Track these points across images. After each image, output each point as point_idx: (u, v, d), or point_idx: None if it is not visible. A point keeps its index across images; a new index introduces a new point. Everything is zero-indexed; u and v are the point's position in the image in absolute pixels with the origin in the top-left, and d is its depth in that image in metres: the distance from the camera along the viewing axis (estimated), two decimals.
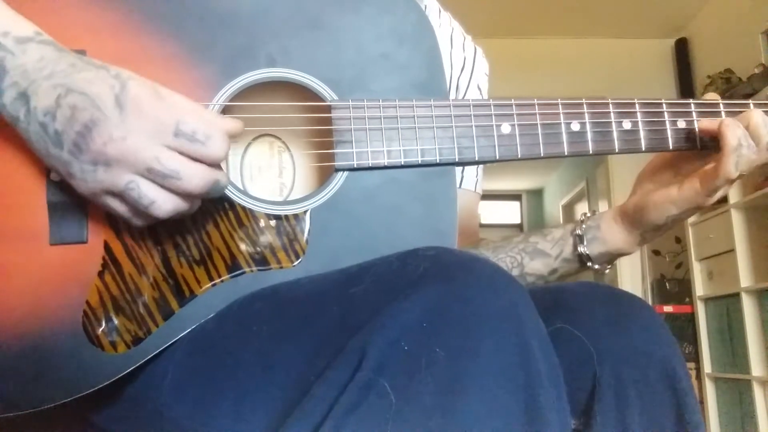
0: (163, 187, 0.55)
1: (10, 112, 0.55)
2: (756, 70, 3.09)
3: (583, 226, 0.84)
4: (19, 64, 0.55)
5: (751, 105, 0.78)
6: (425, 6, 0.93)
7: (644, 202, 0.79)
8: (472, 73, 1.00)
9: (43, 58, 0.55)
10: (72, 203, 0.61)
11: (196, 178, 0.55)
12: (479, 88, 1.01)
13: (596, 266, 0.84)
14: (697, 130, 0.75)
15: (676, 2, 3.80)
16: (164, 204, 0.55)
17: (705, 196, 0.74)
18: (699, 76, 3.87)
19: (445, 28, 0.99)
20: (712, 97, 0.78)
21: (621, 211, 0.83)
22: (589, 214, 0.86)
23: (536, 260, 0.87)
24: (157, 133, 0.54)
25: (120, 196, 0.55)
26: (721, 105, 0.77)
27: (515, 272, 0.87)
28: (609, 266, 0.86)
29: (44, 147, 0.55)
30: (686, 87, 3.95)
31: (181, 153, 0.55)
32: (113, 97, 0.54)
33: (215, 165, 0.57)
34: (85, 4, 0.64)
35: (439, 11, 1.00)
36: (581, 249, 0.83)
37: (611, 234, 0.83)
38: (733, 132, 0.70)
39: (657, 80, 4.08)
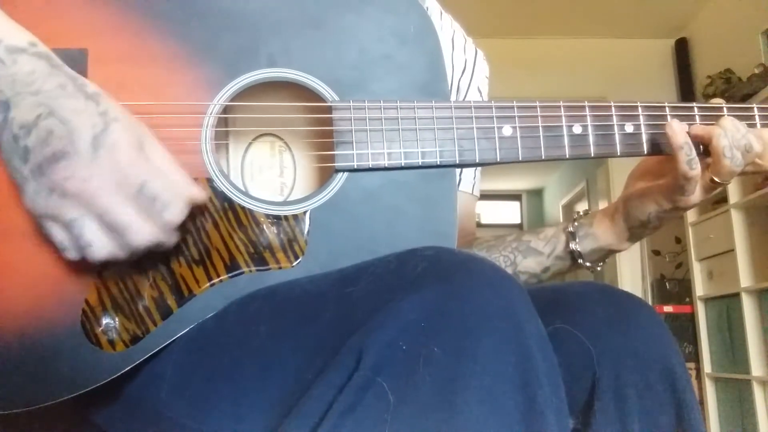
0: (107, 233, 0.54)
1: None
2: (756, 70, 3.09)
3: (576, 223, 0.85)
4: (8, 74, 0.54)
5: (755, 109, 0.78)
6: (426, 8, 0.93)
7: (630, 195, 0.81)
8: (472, 76, 1.00)
9: (33, 72, 0.54)
10: None
11: (141, 236, 0.55)
12: (479, 91, 1.01)
13: (587, 263, 0.85)
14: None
15: (676, 2, 3.80)
16: (100, 249, 0.55)
17: (677, 195, 0.76)
18: (699, 76, 3.87)
19: (447, 30, 0.99)
20: (717, 102, 0.79)
21: (612, 208, 0.85)
22: (582, 213, 0.87)
23: (529, 258, 0.88)
24: (121, 184, 0.53)
25: (63, 227, 0.55)
26: (724, 109, 0.77)
27: (508, 271, 0.88)
28: (600, 264, 0.87)
29: (9, 156, 0.54)
30: (686, 87, 3.95)
31: (138, 208, 0.54)
32: (92, 135, 0.53)
33: (168, 229, 0.57)
34: (87, 4, 0.64)
35: (441, 13, 1.00)
36: (573, 245, 0.84)
37: (602, 230, 0.84)
38: (677, 133, 0.72)
39: (657, 80, 4.08)
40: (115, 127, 0.54)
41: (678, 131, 0.72)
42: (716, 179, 0.74)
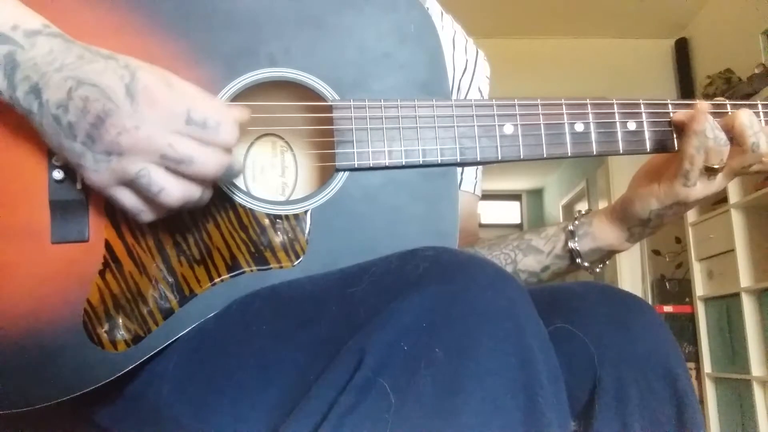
0: (176, 173, 0.56)
1: (23, 106, 0.56)
2: (756, 70, 3.09)
3: (576, 222, 0.85)
4: (29, 57, 0.55)
5: (759, 106, 0.78)
6: (427, 8, 0.93)
7: (630, 196, 0.81)
8: (473, 76, 1.00)
9: (52, 51, 0.56)
10: (73, 202, 0.61)
11: (209, 162, 0.56)
12: (480, 91, 1.01)
13: (586, 263, 0.85)
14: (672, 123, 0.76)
15: (676, 2, 3.80)
16: (174, 191, 0.56)
17: (681, 186, 0.75)
18: (699, 76, 3.87)
19: (448, 30, 0.99)
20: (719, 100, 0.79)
21: (612, 208, 0.85)
22: (583, 212, 0.87)
23: (529, 257, 0.88)
24: (169, 121, 0.54)
25: (131, 186, 0.56)
26: (728, 105, 0.76)
27: (509, 269, 0.88)
28: (600, 265, 0.87)
29: (57, 139, 0.55)
30: (686, 87, 3.95)
31: (194, 139, 0.56)
32: (124, 87, 0.54)
33: (228, 151, 0.58)
34: (87, 4, 0.64)
35: (441, 14, 1.00)
36: (571, 244, 0.84)
37: (601, 229, 0.84)
38: (697, 120, 0.72)
39: (657, 80, 4.08)
40: (141, 73, 0.55)
41: (700, 118, 0.72)
42: (715, 166, 0.74)
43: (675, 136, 0.76)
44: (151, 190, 0.55)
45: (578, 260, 0.85)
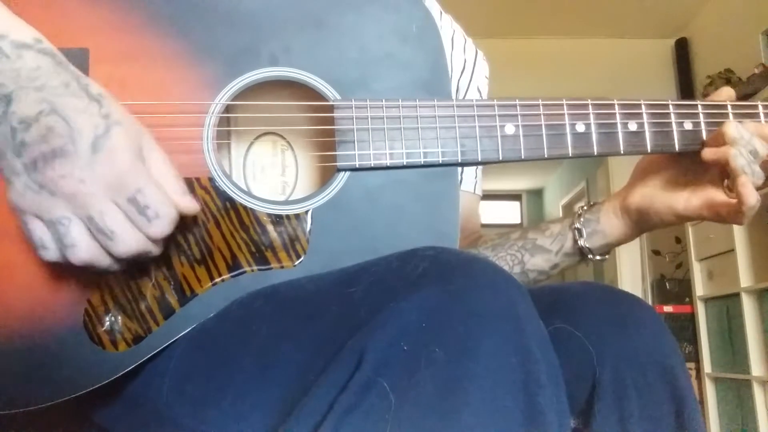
0: (91, 237, 0.54)
1: None
2: (756, 70, 3.09)
3: (581, 219, 0.85)
4: (13, 68, 0.53)
5: (759, 106, 0.77)
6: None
7: (647, 206, 0.80)
8: (472, 76, 1.00)
9: (39, 68, 0.54)
10: None
11: (126, 244, 0.54)
12: (479, 91, 1.01)
13: (597, 257, 0.86)
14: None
15: (676, 2, 3.79)
16: (83, 252, 0.54)
17: (713, 220, 0.75)
18: (699, 76, 3.87)
19: (447, 30, 0.99)
20: (725, 91, 0.78)
21: (621, 207, 0.84)
22: (585, 207, 0.87)
23: (537, 256, 0.88)
24: (114, 190, 0.53)
25: (46, 225, 0.54)
26: (729, 106, 0.76)
27: (516, 269, 0.88)
28: (607, 255, 0.87)
29: (2, 148, 0.53)
30: (686, 87, 3.95)
31: (126, 218, 0.54)
32: (92, 137, 0.52)
33: (152, 242, 0.56)
34: (88, 3, 0.64)
35: (441, 13, 1.00)
36: (581, 243, 0.84)
37: (611, 227, 0.84)
38: (737, 155, 0.70)
39: (657, 80, 4.08)
40: (116, 131, 0.53)
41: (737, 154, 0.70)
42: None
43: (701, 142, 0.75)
44: (63, 240, 0.53)
45: (590, 256, 0.85)
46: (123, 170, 0.53)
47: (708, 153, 0.74)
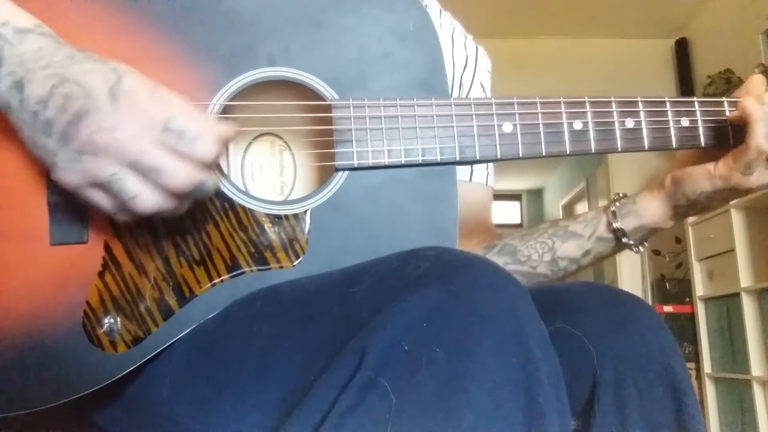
0: (147, 182, 0.54)
1: (4, 99, 0.55)
2: (756, 70, 3.08)
3: (617, 203, 0.84)
4: (16, 53, 0.55)
5: None
6: (425, 6, 0.93)
7: (681, 174, 0.79)
8: (474, 71, 1.00)
9: (41, 49, 0.55)
10: (72, 203, 0.61)
11: (179, 176, 0.54)
12: (482, 86, 1.01)
13: (631, 242, 0.84)
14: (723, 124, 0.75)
15: (676, 2, 3.80)
16: (146, 199, 0.54)
17: (739, 173, 0.74)
18: (699, 76, 3.87)
19: (446, 27, 0.99)
20: (759, 79, 0.78)
21: (658, 183, 0.83)
22: (621, 195, 0.86)
23: (568, 242, 0.86)
24: (146, 127, 0.53)
25: (103, 188, 0.54)
26: (725, 103, 0.76)
27: (547, 257, 0.87)
28: (643, 246, 0.85)
29: (32, 135, 0.54)
30: (686, 87, 3.95)
31: (168, 150, 0.54)
32: (107, 88, 0.54)
33: (204, 167, 0.56)
34: (85, 5, 0.64)
35: (440, 11, 1.00)
36: (616, 224, 0.83)
37: (646, 206, 0.83)
38: (753, 105, 0.72)
39: (657, 80, 4.08)
40: (127, 78, 0.55)
41: (755, 104, 0.72)
42: None
43: (730, 130, 0.76)
44: (123, 195, 0.54)
45: (624, 239, 0.83)
46: (146, 106, 0.54)
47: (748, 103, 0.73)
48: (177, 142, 0.54)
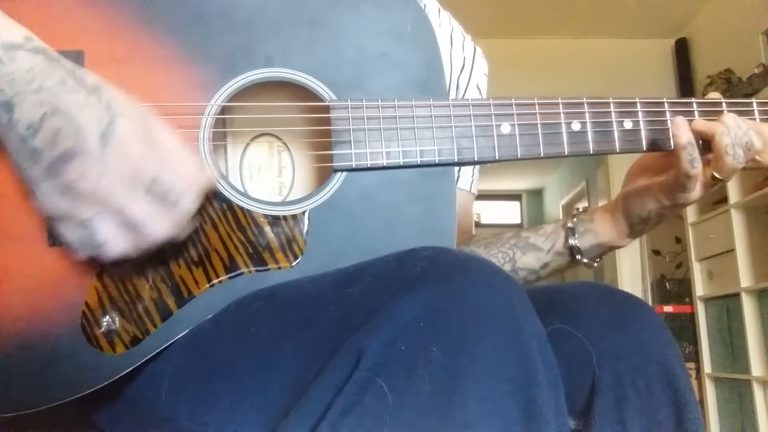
0: (121, 231, 0.54)
1: None
2: (756, 70, 3.09)
3: (575, 219, 0.85)
4: (7, 72, 0.53)
5: (754, 104, 0.78)
6: (424, 5, 0.93)
7: (628, 193, 0.82)
8: (471, 73, 1.00)
9: (32, 69, 0.53)
10: None
11: (158, 231, 0.55)
12: (479, 88, 1.01)
13: (585, 260, 0.85)
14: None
15: (676, 2, 3.80)
16: (115, 247, 0.54)
17: (677, 192, 0.76)
18: (699, 76, 3.87)
19: (445, 27, 0.99)
20: (714, 96, 0.79)
21: (613, 203, 0.85)
22: (581, 210, 0.87)
23: (528, 254, 0.88)
24: (133, 180, 0.53)
25: (74, 226, 0.54)
26: (723, 105, 0.77)
27: (507, 267, 0.88)
28: (598, 260, 0.87)
29: (17, 158, 0.53)
30: (686, 87, 3.95)
31: (152, 205, 0.54)
32: (99, 132, 0.53)
33: (184, 220, 0.57)
34: (83, 5, 0.64)
35: (439, 10, 1.00)
36: (572, 242, 0.84)
37: (602, 226, 0.84)
38: (682, 131, 0.72)
39: (657, 80, 4.08)
40: (120, 121, 0.54)
41: (683, 128, 0.72)
42: (717, 176, 0.74)
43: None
44: (93, 240, 0.54)
45: (578, 257, 0.85)
46: (136, 158, 0.53)
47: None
48: (162, 199, 0.54)
